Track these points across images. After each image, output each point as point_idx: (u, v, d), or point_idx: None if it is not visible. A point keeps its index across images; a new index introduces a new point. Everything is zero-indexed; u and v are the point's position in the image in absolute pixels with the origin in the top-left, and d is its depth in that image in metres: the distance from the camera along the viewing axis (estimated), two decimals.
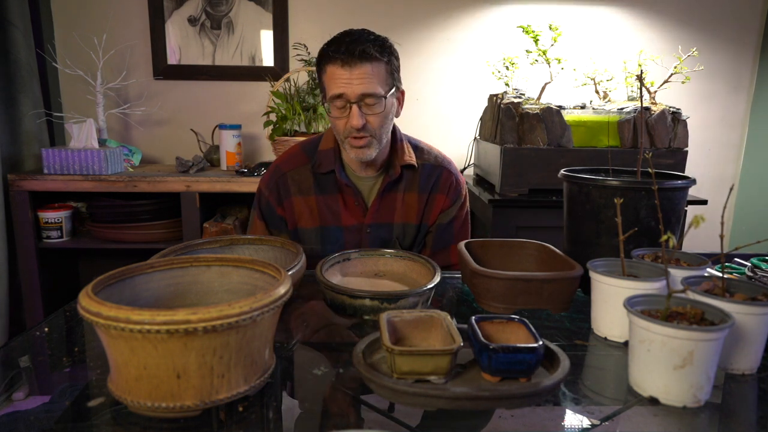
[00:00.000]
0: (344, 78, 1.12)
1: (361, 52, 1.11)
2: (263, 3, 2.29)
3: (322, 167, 1.26)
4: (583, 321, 0.90)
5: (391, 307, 0.86)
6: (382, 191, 1.27)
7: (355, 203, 1.28)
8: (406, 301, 0.87)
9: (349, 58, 1.11)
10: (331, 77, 1.14)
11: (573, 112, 1.94)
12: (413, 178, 1.30)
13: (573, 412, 0.64)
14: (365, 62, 1.12)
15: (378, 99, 1.14)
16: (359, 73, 1.12)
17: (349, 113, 1.14)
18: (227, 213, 2.16)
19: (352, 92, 1.13)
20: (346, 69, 1.12)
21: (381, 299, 0.87)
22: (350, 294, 0.87)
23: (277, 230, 1.32)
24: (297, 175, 1.28)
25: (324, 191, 1.27)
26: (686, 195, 0.98)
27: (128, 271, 0.70)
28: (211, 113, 2.38)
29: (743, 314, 0.68)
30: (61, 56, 2.24)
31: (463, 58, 2.39)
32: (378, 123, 1.17)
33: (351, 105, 1.14)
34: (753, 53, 2.41)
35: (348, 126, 1.16)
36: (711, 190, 2.48)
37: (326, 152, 1.27)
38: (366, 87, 1.12)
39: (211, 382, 0.58)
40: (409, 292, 0.88)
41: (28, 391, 0.68)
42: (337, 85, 1.13)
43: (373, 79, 1.13)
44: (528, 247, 1.09)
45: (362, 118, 1.14)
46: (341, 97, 1.14)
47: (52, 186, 1.92)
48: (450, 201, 1.32)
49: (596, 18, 2.36)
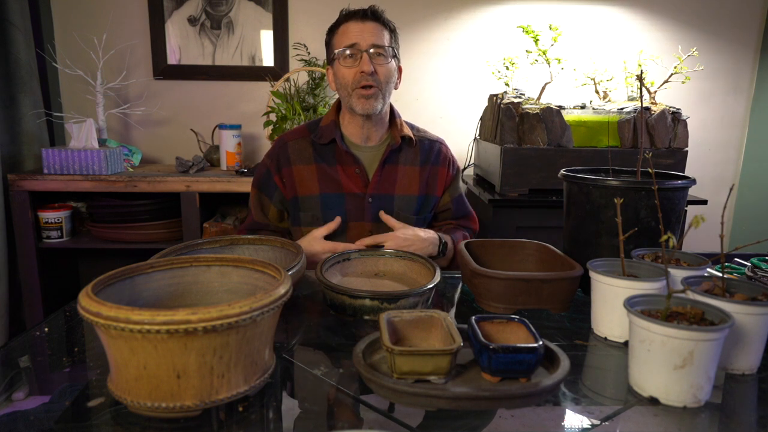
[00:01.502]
0: (357, 29, 1.24)
1: (372, 12, 1.26)
2: (263, 3, 2.29)
3: (323, 138, 1.33)
4: (583, 321, 0.90)
5: (391, 307, 0.86)
6: (383, 162, 1.33)
7: (356, 171, 1.32)
8: (406, 301, 0.87)
9: (362, 15, 1.25)
10: (344, 32, 1.26)
11: (573, 112, 1.94)
12: (413, 152, 1.38)
13: (573, 412, 0.64)
14: (376, 21, 1.26)
15: (386, 51, 1.26)
16: (371, 27, 1.25)
17: (360, 61, 1.24)
18: (227, 213, 2.16)
19: (364, 41, 1.24)
20: (359, 23, 1.25)
21: (381, 299, 0.87)
22: (350, 294, 0.87)
23: (267, 198, 1.37)
24: (298, 144, 1.35)
25: (324, 160, 1.33)
26: (686, 195, 0.98)
27: (128, 271, 0.70)
28: (211, 113, 2.38)
29: (743, 314, 0.68)
30: (61, 56, 2.24)
31: (463, 58, 2.39)
32: (385, 75, 1.26)
33: (362, 53, 1.24)
34: (753, 53, 2.41)
35: (358, 74, 1.24)
36: (711, 190, 2.48)
37: (327, 125, 1.34)
38: (377, 38, 1.25)
39: (211, 382, 0.58)
40: (409, 292, 0.88)
41: (28, 391, 0.68)
42: (349, 37, 1.24)
43: (382, 35, 1.26)
44: (528, 247, 1.09)
45: (372, 65, 1.23)
46: (353, 47, 1.24)
47: (52, 186, 1.92)
48: (452, 174, 1.43)
49: (596, 18, 2.36)
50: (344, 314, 0.90)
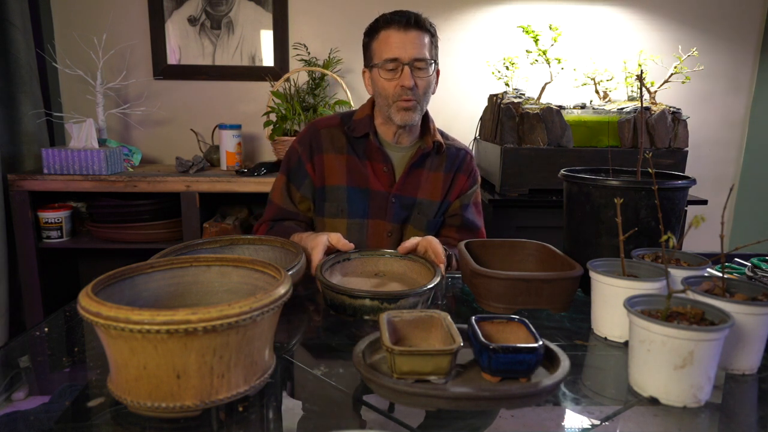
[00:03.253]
0: (399, 41, 1.22)
1: (416, 19, 1.23)
2: (263, 3, 2.29)
3: (356, 131, 1.32)
4: (583, 321, 0.90)
5: (391, 307, 0.86)
6: (412, 165, 1.33)
7: (384, 170, 1.32)
8: (406, 301, 0.87)
9: (405, 23, 1.22)
10: (385, 41, 1.23)
11: (573, 112, 1.94)
12: (440, 159, 1.36)
13: (573, 412, 0.64)
14: (418, 29, 1.23)
15: (427, 64, 1.24)
16: (413, 38, 1.22)
17: (401, 75, 1.23)
18: (227, 213, 2.16)
19: (405, 55, 1.22)
20: (401, 32, 1.22)
21: (381, 299, 0.87)
22: (350, 294, 0.87)
23: (295, 187, 1.34)
24: (331, 132, 1.34)
25: (355, 153, 1.32)
26: (686, 195, 0.98)
27: (128, 271, 0.70)
28: (211, 113, 2.38)
29: (743, 314, 0.68)
30: (61, 56, 2.24)
31: (463, 58, 2.39)
32: (424, 87, 1.26)
33: (403, 66, 1.22)
34: (753, 53, 2.41)
35: (398, 87, 1.23)
36: (711, 190, 2.48)
37: (361, 119, 1.33)
38: (418, 51, 1.22)
39: (211, 382, 0.58)
40: (409, 292, 0.88)
41: (28, 391, 0.68)
42: (391, 49, 1.22)
43: (424, 46, 1.24)
44: (528, 247, 1.09)
45: (412, 79, 1.23)
46: (395, 60, 1.22)
47: (52, 186, 1.92)
48: (469, 184, 1.40)
49: (596, 18, 2.36)
50: (344, 314, 0.90)
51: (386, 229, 1.31)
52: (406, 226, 1.34)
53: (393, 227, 1.32)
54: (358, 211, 1.30)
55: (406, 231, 1.34)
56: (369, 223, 1.31)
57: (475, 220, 1.40)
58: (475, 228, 1.39)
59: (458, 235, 1.37)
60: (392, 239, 1.32)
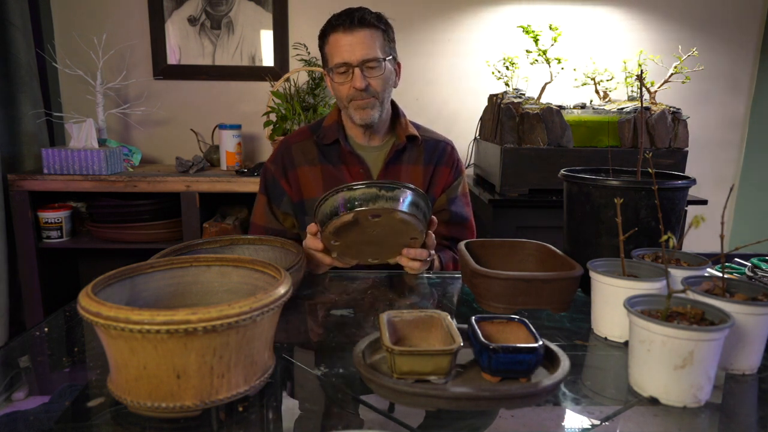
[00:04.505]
0: (346, 44, 1.21)
1: (360, 18, 1.20)
2: (263, 3, 2.29)
3: (326, 138, 1.32)
4: (583, 321, 0.90)
5: (389, 194, 0.89)
6: (388, 162, 1.32)
7: (360, 171, 1.31)
8: (401, 192, 0.90)
9: (349, 24, 1.20)
10: (334, 45, 1.22)
11: (573, 112, 1.94)
12: (417, 152, 1.35)
13: (573, 412, 0.64)
14: (364, 28, 1.21)
15: (378, 63, 1.23)
16: (359, 38, 1.20)
17: (352, 77, 1.22)
18: (227, 213, 2.16)
19: (353, 57, 1.21)
20: (348, 34, 1.20)
21: (379, 186, 0.88)
22: (348, 187, 0.90)
23: (276, 205, 1.34)
24: (302, 146, 1.34)
25: (329, 161, 1.32)
26: (686, 195, 0.98)
27: (128, 271, 0.70)
28: (211, 113, 2.38)
29: (743, 314, 0.68)
30: (61, 56, 2.24)
31: (463, 58, 2.39)
32: (379, 85, 1.24)
33: (353, 69, 1.21)
34: (753, 53, 2.41)
35: (351, 90, 1.23)
36: (711, 190, 2.48)
37: (330, 125, 1.34)
38: (366, 52, 1.21)
39: (211, 382, 0.58)
40: (409, 185, 0.92)
41: (28, 391, 0.68)
42: (340, 53, 1.22)
43: (372, 44, 1.22)
44: (528, 247, 1.08)
45: (364, 80, 1.22)
46: (345, 64, 1.22)
47: (52, 186, 1.92)
48: (453, 176, 1.39)
49: (596, 18, 2.36)
50: (346, 212, 0.91)
51: None
52: None
53: None
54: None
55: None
56: None
57: (463, 213, 1.39)
58: (464, 220, 1.39)
59: (447, 230, 1.37)
60: None
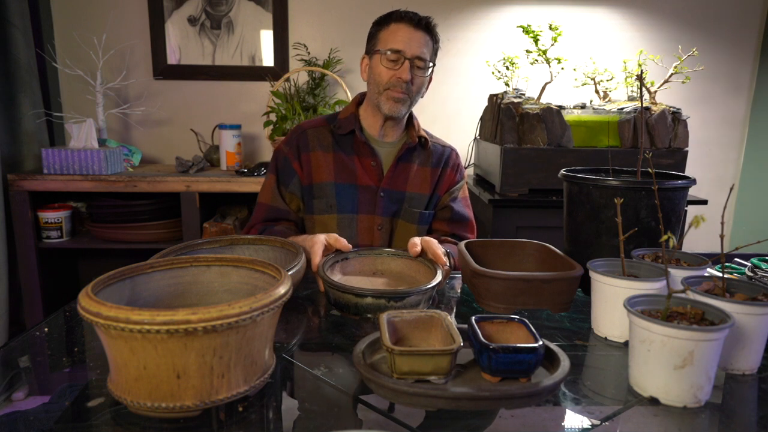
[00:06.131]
0: (407, 36, 1.27)
1: (426, 22, 1.29)
2: (263, 3, 2.29)
3: (342, 129, 1.35)
4: (583, 321, 0.90)
5: (397, 305, 0.87)
6: (399, 158, 1.36)
7: (372, 164, 1.34)
8: (410, 299, 0.88)
9: (417, 22, 1.28)
10: (394, 32, 1.28)
11: (573, 112, 1.94)
12: (426, 154, 1.41)
13: (573, 412, 0.64)
14: (427, 32, 1.29)
15: (426, 64, 1.30)
16: (420, 37, 1.28)
17: (401, 67, 1.27)
18: (227, 213, 2.16)
19: (410, 50, 1.27)
20: (411, 29, 1.27)
21: (387, 297, 0.87)
22: (355, 293, 0.87)
23: (284, 186, 1.35)
24: (317, 132, 1.37)
25: (342, 149, 1.35)
26: (686, 195, 0.98)
27: (128, 271, 0.70)
28: (211, 113, 2.38)
29: (743, 314, 0.68)
30: (61, 56, 2.24)
31: (463, 58, 2.39)
32: (418, 86, 1.31)
33: (405, 60, 1.27)
34: (753, 53, 2.41)
35: (394, 78, 1.27)
36: (711, 190, 2.48)
37: (346, 117, 1.37)
38: (422, 51, 1.28)
39: (211, 382, 0.58)
40: (414, 291, 0.88)
41: (28, 391, 0.68)
42: (398, 40, 1.27)
43: (428, 48, 1.30)
44: (528, 247, 1.09)
45: (410, 74, 1.27)
46: (399, 52, 1.26)
47: (52, 186, 1.92)
48: (457, 179, 1.45)
49: (596, 18, 2.36)
50: (348, 313, 0.90)
51: (376, 222, 1.33)
52: (396, 219, 1.36)
53: (383, 221, 1.34)
54: (348, 207, 1.32)
55: (397, 224, 1.36)
56: (358, 217, 1.33)
57: (464, 212, 1.43)
58: (465, 220, 1.43)
59: (449, 228, 1.41)
60: (383, 233, 1.34)
